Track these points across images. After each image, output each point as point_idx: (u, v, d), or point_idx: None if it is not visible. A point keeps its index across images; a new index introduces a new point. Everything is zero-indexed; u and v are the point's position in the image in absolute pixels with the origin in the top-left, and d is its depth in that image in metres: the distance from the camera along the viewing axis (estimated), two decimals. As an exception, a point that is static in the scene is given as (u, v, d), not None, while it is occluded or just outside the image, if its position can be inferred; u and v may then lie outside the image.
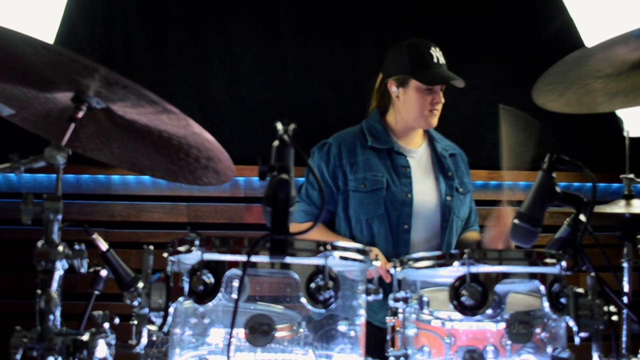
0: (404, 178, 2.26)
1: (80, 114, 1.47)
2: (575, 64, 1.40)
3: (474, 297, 1.26)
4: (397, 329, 1.54)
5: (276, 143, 1.21)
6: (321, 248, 1.24)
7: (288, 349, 1.40)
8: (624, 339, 1.79)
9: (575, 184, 3.14)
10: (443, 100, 2.26)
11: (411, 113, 2.28)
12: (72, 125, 1.47)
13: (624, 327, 1.71)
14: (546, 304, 1.31)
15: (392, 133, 2.35)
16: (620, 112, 2.21)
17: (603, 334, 1.35)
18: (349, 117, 2.51)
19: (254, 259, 1.21)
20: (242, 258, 1.22)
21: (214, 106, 2.94)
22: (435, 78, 2.21)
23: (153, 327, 1.47)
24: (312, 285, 1.23)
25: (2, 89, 1.52)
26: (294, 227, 2.40)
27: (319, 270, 1.23)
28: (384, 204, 2.21)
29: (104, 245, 1.71)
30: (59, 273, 1.26)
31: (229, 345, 1.16)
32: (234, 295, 1.38)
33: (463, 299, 1.27)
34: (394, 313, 1.64)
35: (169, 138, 1.54)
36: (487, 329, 1.42)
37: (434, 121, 2.27)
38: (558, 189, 1.39)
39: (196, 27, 2.92)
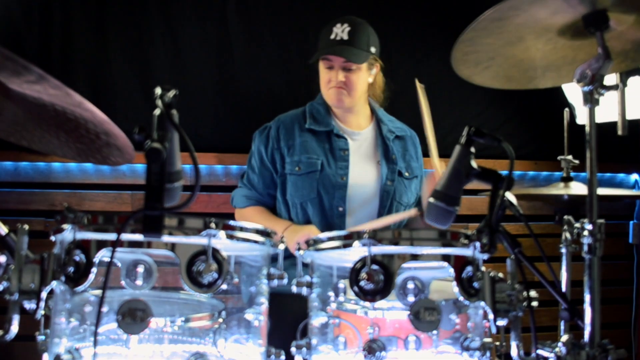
0: (341, 161, 2.18)
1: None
2: (487, 28, 1.29)
3: (373, 280, 1.16)
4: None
5: (157, 110, 1.11)
6: (204, 227, 1.13)
7: (202, 338, 1.30)
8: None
9: (530, 172, 3.07)
10: (350, 78, 2.15)
11: (322, 91, 2.24)
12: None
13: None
14: (456, 289, 1.20)
15: (334, 115, 2.27)
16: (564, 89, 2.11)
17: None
18: (298, 100, 2.42)
19: (127, 237, 1.10)
20: (113, 237, 1.11)
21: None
22: (320, 53, 2.16)
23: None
24: (194, 267, 1.12)
25: None
26: (237, 213, 2.30)
27: (203, 251, 1.12)
28: (317, 187, 2.13)
29: (3, 230, 1.60)
30: None
31: (95, 333, 1.05)
32: (138, 282, 1.27)
33: (362, 283, 1.16)
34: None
35: (64, 113, 1.43)
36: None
37: (340, 98, 2.17)
38: (474, 164, 1.29)
39: (138, 6, 2.79)
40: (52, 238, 1.24)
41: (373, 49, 2.18)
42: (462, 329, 1.31)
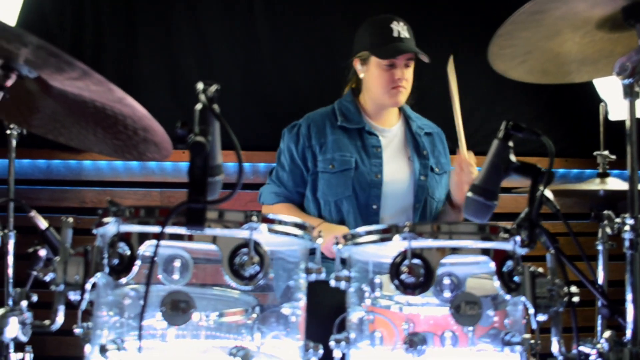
0: (375, 158, 2.18)
1: (10, 82, 1.38)
2: (525, 22, 1.27)
3: (415, 274, 1.15)
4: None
5: (199, 105, 1.12)
6: (246, 220, 1.14)
7: (238, 333, 1.31)
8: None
9: (561, 170, 3.03)
10: (408, 76, 2.16)
11: (374, 90, 2.20)
12: (0, 94, 1.39)
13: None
14: (497, 283, 1.19)
15: (365, 113, 2.27)
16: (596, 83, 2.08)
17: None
18: (324, 99, 2.42)
19: (170, 230, 1.12)
20: (157, 229, 1.12)
21: (184, 89, 2.83)
22: (390, 51, 2.11)
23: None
24: (236, 259, 1.12)
25: None
26: (265, 209, 2.31)
27: (245, 244, 1.13)
28: (352, 185, 2.13)
29: (43, 224, 1.63)
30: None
31: (140, 327, 1.06)
32: (175, 276, 1.29)
33: (403, 276, 1.16)
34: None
35: (104, 109, 1.45)
36: (446, 314, 1.31)
37: (400, 98, 2.17)
38: (513, 158, 1.28)
39: (166, 6, 2.83)
40: (95, 231, 1.26)
41: None
42: (500, 326, 1.30)
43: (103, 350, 1.12)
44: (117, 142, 1.61)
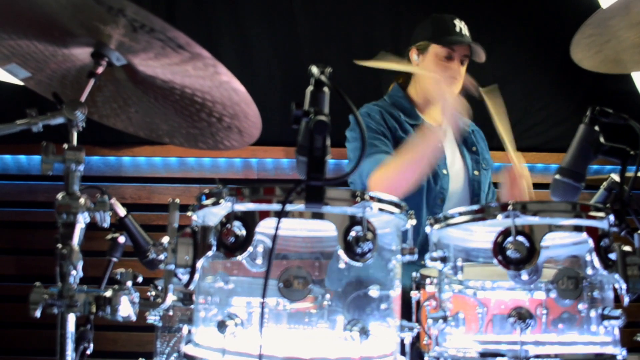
0: (439, 153, 2.20)
1: (100, 69, 1.41)
2: (615, 10, 1.30)
3: (520, 250, 1.19)
4: (424, 301, 1.48)
5: (310, 88, 1.15)
6: (358, 198, 1.17)
7: (313, 322, 1.33)
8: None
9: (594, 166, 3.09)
10: (463, 73, 2.20)
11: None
12: (92, 82, 1.41)
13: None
14: (596, 260, 1.23)
15: (417, 108, 2.30)
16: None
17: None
18: (365, 96, 2.44)
19: (288, 208, 1.14)
20: (274, 207, 1.15)
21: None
22: (452, 40, 2.17)
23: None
24: (350, 236, 1.15)
25: (19, 47, 1.46)
26: (373, 182, 2.19)
27: (357, 221, 1.16)
28: (425, 179, 2.13)
29: (122, 211, 1.64)
30: (80, 226, 1.19)
31: (262, 312, 1.08)
32: (258, 261, 1.31)
33: (509, 252, 1.19)
34: (419, 286, 1.57)
35: (192, 95, 1.47)
36: (520, 298, 1.35)
37: (453, 89, 2.19)
38: (603, 141, 1.32)
39: (207, 4, 2.86)
40: (190, 214, 1.29)
41: None
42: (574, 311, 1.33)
43: (222, 325, 1.14)
44: (193, 131, 1.63)
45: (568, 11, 2.92)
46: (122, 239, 1.61)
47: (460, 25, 2.21)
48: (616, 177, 1.45)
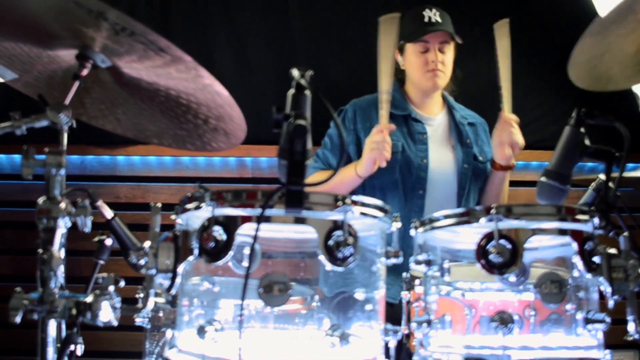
0: (420, 144, 2.22)
1: (85, 72, 1.40)
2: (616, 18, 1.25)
3: (503, 254, 1.18)
4: (413, 302, 1.47)
5: (292, 91, 1.15)
6: (339, 202, 1.16)
7: (301, 323, 1.32)
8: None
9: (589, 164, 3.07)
10: (444, 60, 2.20)
11: (414, 76, 2.25)
12: (77, 84, 1.40)
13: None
14: (580, 263, 1.22)
15: (410, 101, 2.32)
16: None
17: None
18: (361, 93, 2.44)
19: (268, 212, 1.14)
20: (255, 212, 1.14)
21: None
22: (420, 33, 2.18)
23: (160, 299, 1.41)
24: (331, 241, 1.15)
25: (4, 49, 1.46)
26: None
27: (338, 225, 1.16)
28: (398, 169, 2.16)
29: (109, 213, 1.64)
30: (61, 231, 1.19)
31: (240, 315, 1.08)
32: (245, 264, 1.30)
33: (491, 256, 1.19)
34: (409, 287, 1.57)
35: (177, 97, 1.47)
36: (508, 300, 1.34)
37: (438, 81, 2.22)
38: (588, 143, 1.31)
39: (201, 4, 2.85)
40: (174, 217, 1.28)
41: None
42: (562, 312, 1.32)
43: (201, 331, 1.13)
44: (180, 132, 1.63)
45: (564, 10, 2.91)
46: (109, 242, 1.61)
47: (430, 15, 2.19)
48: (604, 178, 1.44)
